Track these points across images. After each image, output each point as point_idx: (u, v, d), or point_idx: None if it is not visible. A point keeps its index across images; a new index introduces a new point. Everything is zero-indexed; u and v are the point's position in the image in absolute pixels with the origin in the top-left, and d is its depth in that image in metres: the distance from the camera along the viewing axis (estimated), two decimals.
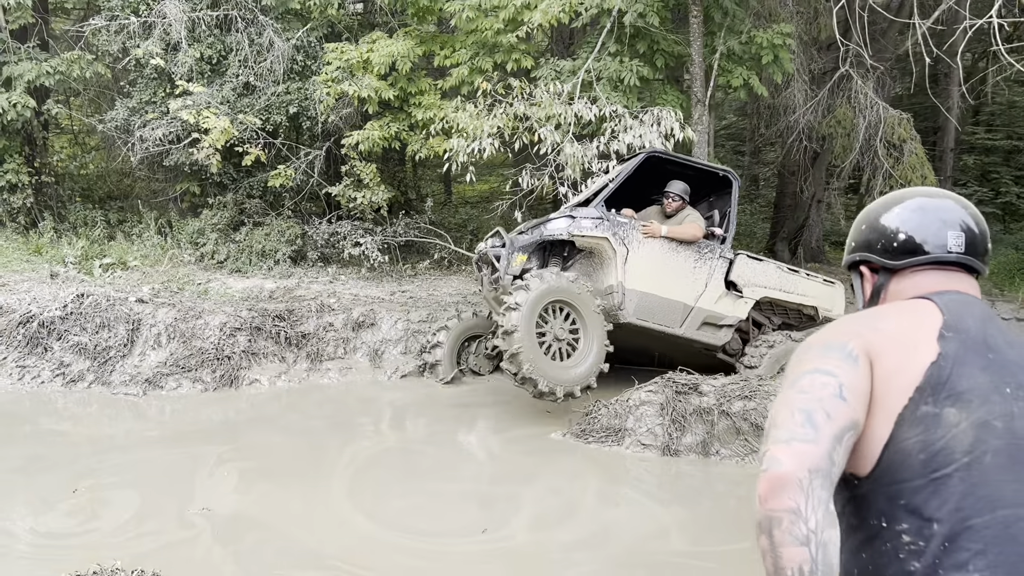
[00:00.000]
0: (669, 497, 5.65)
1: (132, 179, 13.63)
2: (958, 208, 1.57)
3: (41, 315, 7.48)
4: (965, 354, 1.38)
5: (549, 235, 7.10)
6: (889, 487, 1.35)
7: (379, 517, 5.25)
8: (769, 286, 7.62)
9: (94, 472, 5.66)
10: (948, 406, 1.34)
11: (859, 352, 1.41)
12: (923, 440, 1.33)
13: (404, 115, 10.53)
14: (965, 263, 1.55)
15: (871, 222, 1.64)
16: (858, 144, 10.69)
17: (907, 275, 1.57)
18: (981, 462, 1.31)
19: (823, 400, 1.35)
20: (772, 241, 14.75)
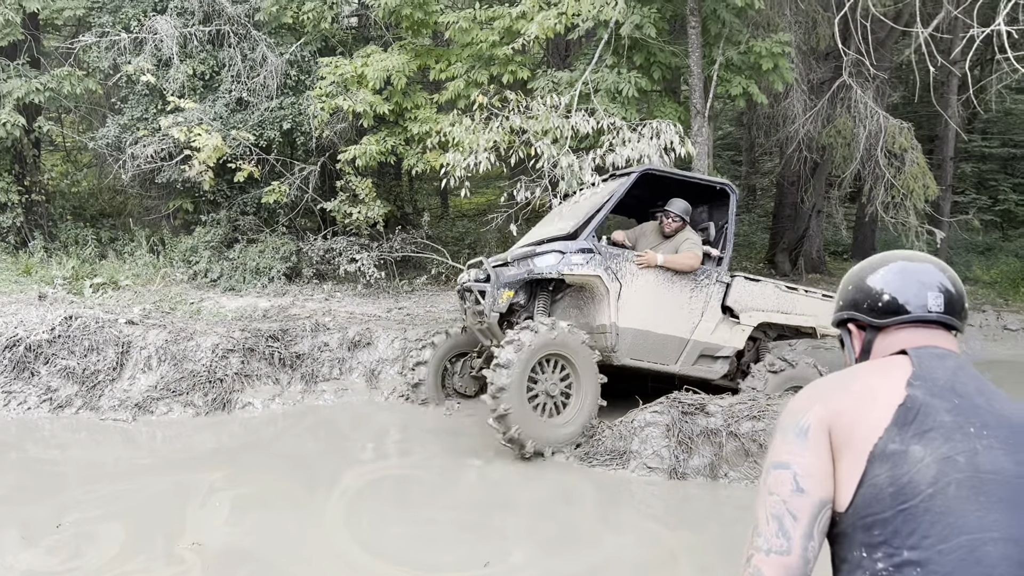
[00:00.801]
0: (677, 522, 5.47)
1: (124, 196, 13.46)
2: (937, 271, 1.74)
3: (28, 338, 7.29)
4: (931, 399, 1.53)
5: (538, 273, 6.63)
6: (864, 519, 1.48)
7: (377, 549, 5.05)
8: (767, 308, 7.26)
9: (80, 504, 5.46)
10: (914, 444, 1.47)
11: (812, 421, 1.58)
12: (891, 475, 1.46)
13: (400, 129, 10.39)
14: (944, 321, 1.70)
15: (857, 283, 1.80)
16: (859, 154, 10.56)
17: (892, 332, 1.72)
18: (945, 493, 1.43)
19: (787, 501, 1.53)
20: (772, 252, 14.60)
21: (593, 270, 6.62)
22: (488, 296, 6.67)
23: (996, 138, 19.36)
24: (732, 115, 20.21)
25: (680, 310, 6.94)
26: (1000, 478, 1.45)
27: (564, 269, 6.57)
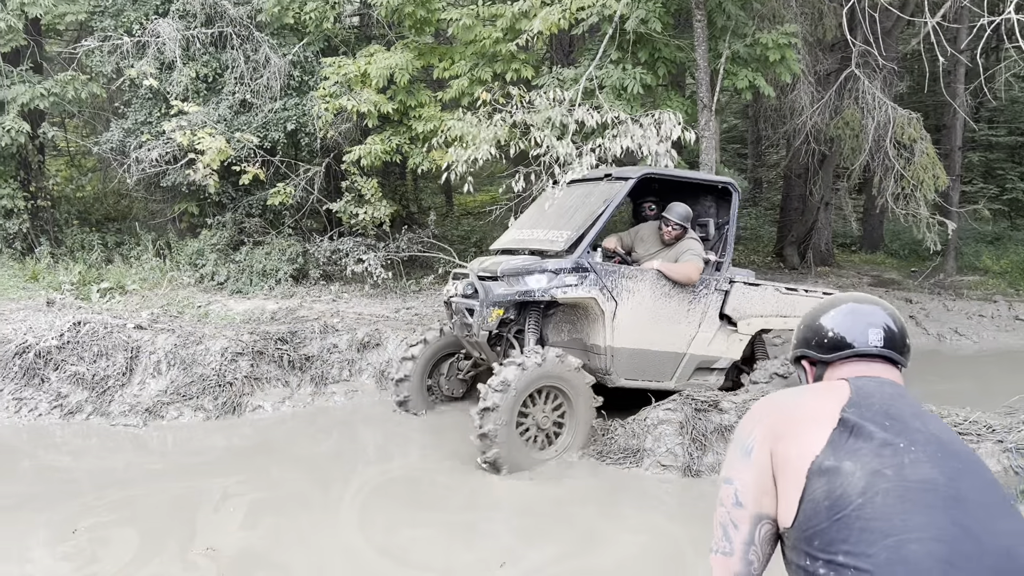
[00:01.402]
0: (691, 519, 5.42)
1: (129, 200, 13.46)
2: (880, 311, 1.94)
3: (37, 345, 7.28)
4: (863, 422, 1.69)
5: (528, 296, 6.25)
6: (806, 532, 1.64)
7: (392, 552, 5.03)
8: (767, 314, 7.00)
9: (93, 509, 5.44)
10: (846, 460, 1.64)
11: (757, 440, 1.78)
12: (827, 489, 1.62)
13: (404, 128, 10.35)
14: (885, 355, 1.90)
15: (808, 324, 2.02)
16: (867, 145, 10.48)
17: (837, 366, 1.92)
18: (873, 502, 1.58)
19: (730, 512, 1.78)
20: (780, 245, 14.54)
21: (587, 292, 6.29)
22: (477, 315, 6.32)
23: (1003, 126, 19.25)
24: (737, 108, 20.13)
25: (677, 324, 6.67)
26: (926, 486, 1.60)
27: (557, 292, 6.24)
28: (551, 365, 5.98)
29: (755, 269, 13.41)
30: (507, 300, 6.27)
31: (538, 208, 7.36)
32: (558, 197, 7.09)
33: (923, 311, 10.86)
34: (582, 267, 6.27)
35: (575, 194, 6.98)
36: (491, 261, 6.72)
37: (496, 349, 6.74)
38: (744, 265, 13.40)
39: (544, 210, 7.16)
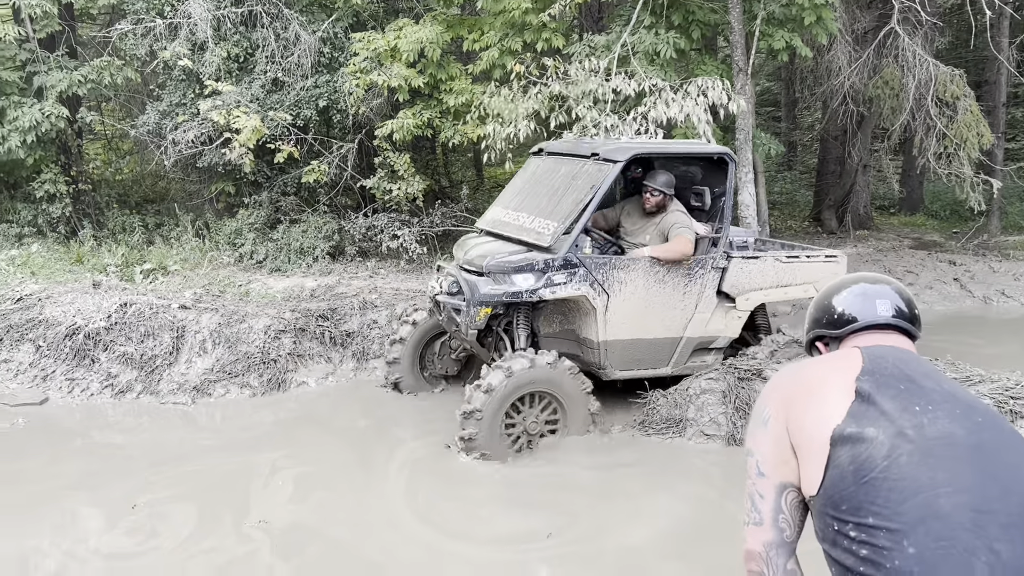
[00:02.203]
0: (736, 490, 5.42)
1: (167, 182, 13.63)
2: (888, 288, 2.01)
3: (86, 327, 7.44)
4: (879, 388, 1.73)
5: (516, 297, 5.91)
6: (833, 497, 1.67)
7: (439, 524, 5.11)
8: (766, 286, 6.66)
9: (150, 486, 5.59)
10: (867, 426, 1.67)
11: (772, 411, 1.84)
12: (851, 455, 1.66)
13: (435, 102, 10.33)
14: (895, 325, 1.96)
15: (818, 305, 2.08)
16: (908, 104, 10.25)
17: (849, 340, 1.97)
18: (898, 463, 1.62)
19: (755, 483, 1.83)
20: (817, 210, 14.33)
21: (577, 288, 5.98)
22: (464, 314, 6.02)
23: None
24: (771, 70, 19.77)
25: (673, 309, 6.37)
26: (948, 441, 1.65)
27: (545, 293, 5.91)
28: (541, 370, 5.77)
29: (792, 234, 13.25)
30: (494, 300, 5.95)
31: (523, 181, 7.00)
32: (541, 169, 6.81)
33: (967, 273, 10.66)
34: (571, 262, 5.97)
35: (561, 172, 6.55)
36: (476, 250, 6.37)
37: (487, 340, 6.49)
38: (781, 231, 13.26)
39: (528, 186, 6.81)
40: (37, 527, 5.00)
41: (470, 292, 5.97)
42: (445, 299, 6.21)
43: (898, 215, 15.09)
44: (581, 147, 6.58)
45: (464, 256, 6.40)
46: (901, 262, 11.07)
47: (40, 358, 7.35)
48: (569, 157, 6.60)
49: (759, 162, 10.28)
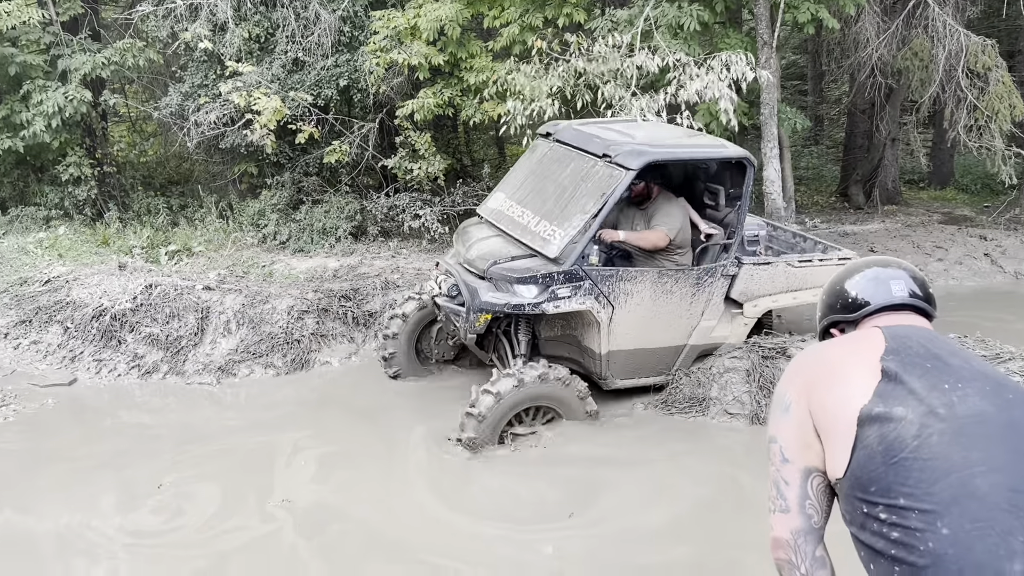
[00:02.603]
0: (760, 469, 5.38)
1: (190, 164, 13.69)
2: (900, 270, 1.99)
3: (113, 308, 7.52)
4: (905, 367, 1.70)
5: (517, 309, 5.73)
6: (861, 479, 1.64)
7: (460, 504, 5.13)
8: (776, 292, 6.43)
9: (176, 465, 5.67)
10: (895, 406, 1.64)
11: (794, 396, 1.81)
12: (879, 435, 1.63)
13: (456, 80, 10.26)
14: (911, 304, 1.92)
15: (831, 291, 2.04)
16: (937, 76, 10.02)
17: (866, 322, 1.93)
18: (929, 442, 1.59)
19: (780, 470, 1.80)
20: (844, 185, 14.10)
21: (581, 303, 5.78)
22: (463, 320, 5.87)
23: None
24: (797, 43, 19.44)
25: (679, 318, 6.18)
26: (980, 419, 1.62)
27: (548, 307, 5.70)
28: (552, 386, 5.68)
29: (818, 210, 13.07)
30: (495, 310, 5.79)
31: (529, 169, 6.75)
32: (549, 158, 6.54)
33: (998, 248, 10.46)
34: (576, 275, 5.76)
35: (569, 169, 6.26)
36: (477, 247, 6.19)
37: (486, 341, 6.40)
38: (807, 207, 13.09)
39: (534, 178, 6.56)
40: (67, 505, 5.09)
41: (470, 297, 5.81)
42: (444, 303, 6.05)
43: (927, 189, 14.82)
44: (592, 142, 6.22)
45: (465, 253, 6.23)
46: (930, 237, 10.89)
47: (68, 339, 7.45)
48: (579, 152, 6.29)
49: (784, 137, 10.12)
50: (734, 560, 4.51)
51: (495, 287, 5.81)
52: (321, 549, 4.64)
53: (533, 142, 7.04)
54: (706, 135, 6.83)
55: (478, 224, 6.72)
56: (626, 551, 4.60)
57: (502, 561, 4.58)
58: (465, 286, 5.90)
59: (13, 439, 6.08)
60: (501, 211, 6.49)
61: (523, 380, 5.60)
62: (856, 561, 1.76)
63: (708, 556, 4.56)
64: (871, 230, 11.44)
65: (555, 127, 6.82)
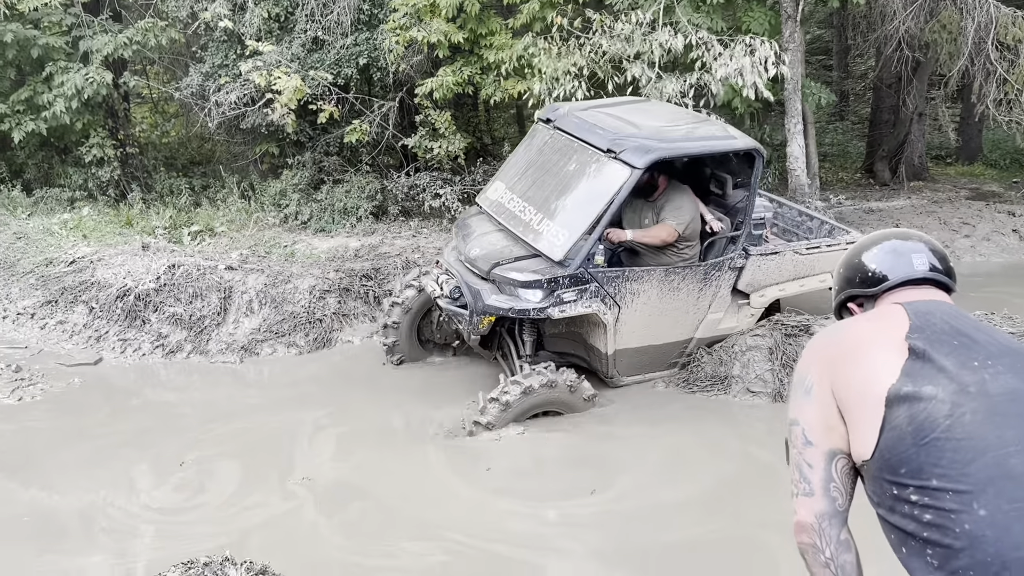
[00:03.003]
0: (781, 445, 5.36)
1: (212, 144, 13.74)
2: (920, 243, 1.93)
3: (136, 288, 7.59)
4: (931, 345, 1.65)
5: (522, 314, 5.65)
6: (890, 460, 1.60)
7: (479, 482, 5.15)
8: (783, 280, 6.34)
9: (198, 443, 5.73)
10: (925, 385, 1.60)
11: (815, 377, 1.76)
12: (909, 415, 1.58)
13: (475, 58, 10.19)
14: (932, 279, 1.87)
15: (849, 264, 1.98)
16: (966, 49, 9.80)
17: (886, 297, 1.87)
18: (961, 421, 1.55)
19: (802, 452, 1.75)
20: (870, 161, 13.89)
21: (587, 306, 5.67)
22: (466, 322, 5.78)
23: None
24: (822, 16, 19.10)
25: (686, 313, 6.09)
26: (1013, 397, 1.58)
27: (554, 312, 5.59)
28: (562, 393, 5.64)
29: (843, 187, 12.89)
30: (499, 314, 5.70)
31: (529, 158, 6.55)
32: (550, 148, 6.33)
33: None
34: (581, 278, 5.63)
35: (573, 162, 6.04)
36: (478, 245, 6.03)
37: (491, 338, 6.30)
38: (832, 183, 12.92)
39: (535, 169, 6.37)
40: (92, 482, 5.18)
41: (473, 300, 5.71)
42: (447, 305, 5.95)
43: (955, 165, 14.55)
44: (595, 133, 5.98)
45: (466, 250, 6.09)
46: (957, 213, 10.72)
47: (94, 319, 7.53)
48: (581, 143, 6.05)
49: (809, 112, 9.97)
50: (756, 539, 4.50)
51: (499, 289, 5.70)
52: (342, 526, 4.68)
53: (532, 127, 6.85)
54: (714, 122, 6.58)
55: (478, 216, 6.57)
56: (648, 528, 4.61)
57: (523, 538, 4.60)
58: (468, 288, 5.79)
59: (41, 417, 6.17)
60: (501, 204, 6.31)
61: (532, 388, 5.54)
62: (874, 538, 1.73)
63: (730, 534, 4.55)
64: (897, 207, 11.27)
65: (555, 112, 6.58)
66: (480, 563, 4.37)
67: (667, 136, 5.92)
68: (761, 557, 4.37)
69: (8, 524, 4.79)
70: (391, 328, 6.77)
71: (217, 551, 3.45)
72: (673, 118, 6.38)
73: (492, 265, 5.76)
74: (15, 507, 4.97)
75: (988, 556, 1.48)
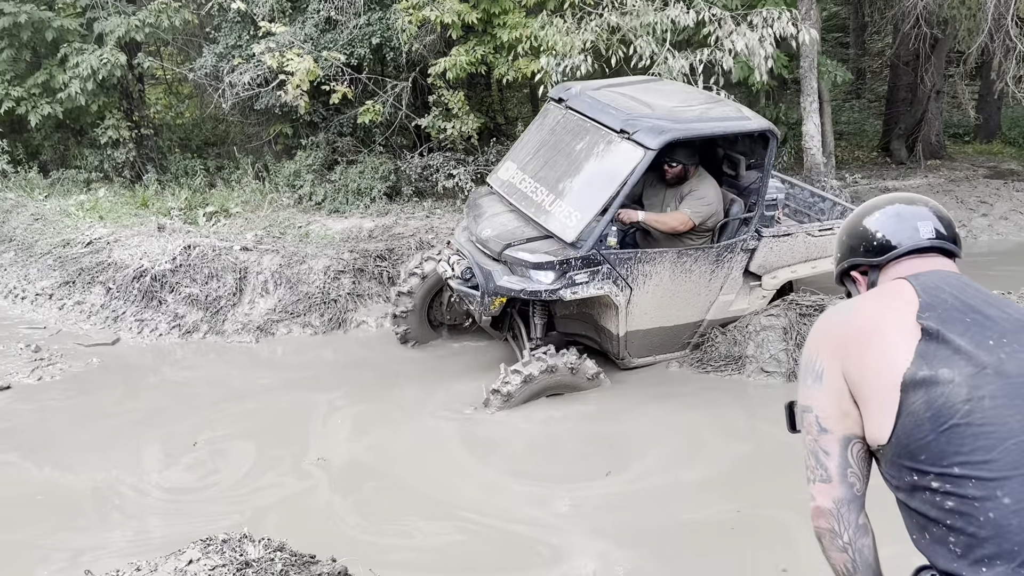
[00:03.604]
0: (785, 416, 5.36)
1: (226, 125, 13.75)
2: (924, 208, 1.88)
3: (153, 269, 7.65)
4: (944, 324, 1.60)
5: (534, 296, 5.64)
6: (909, 447, 1.56)
7: (494, 462, 5.18)
8: (795, 262, 6.33)
9: (212, 423, 5.79)
10: (940, 367, 1.55)
11: (826, 363, 1.71)
12: (926, 400, 1.54)
13: (489, 37, 10.14)
14: (939, 247, 1.82)
15: (851, 231, 1.92)
16: (986, 25, 9.65)
17: (891, 267, 1.82)
18: (981, 406, 1.51)
19: (817, 440, 1.72)
20: (886, 139, 13.75)
21: (599, 288, 5.66)
22: (477, 303, 5.81)
23: None
24: None
25: (698, 296, 6.08)
26: None
27: (566, 293, 5.59)
28: (564, 376, 5.70)
29: (859, 166, 12.78)
30: (511, 295, 5.72)
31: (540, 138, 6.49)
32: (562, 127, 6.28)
33: None
34: (594, 260, 5.62)
35: (585, 142, 6.00)
36: (490, 226, 6.01)
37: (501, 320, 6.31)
38: (848, 162, 12.81)
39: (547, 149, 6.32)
40: (107, 461, 5.24)
41: (485, 281, 5.73)
42: (458, 286, 5.94)
43: (973, 143, 14.39)
44: (608, 113, 5.91)
45: (477, 231, 6.07)
46: (975, 192, 10.62)
47: (111, 300, 7.60)
48: (594, 124, 5.99)
49: (825, 90, 9.87)
50: (774, 519, 4.51)
51: (510, 270, 5.70)
52: (357, 506, 4.72)
53: (544, 106, 6.82)
54: (728, 102, 6.50)
55: (489, 196, 6.55)
56: (665, 509, 4.63)
57: (538, 519, 4.63)
58: (479, 269, 5.79)
59: (59, 396, 6.25)
60: (513, 184, 6.28)
61: (556, 367, 5.62)
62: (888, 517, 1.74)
63: (747, 514, 4.55)
64: (913, 185, 11.17)
65: (567, 92, 6.50)
66: (496, 543, 4.41)
67: (681, 117, 5.86)
68: (778, 537, 4.37)
69: (23, 502, 4.86)
70: (400, 318, 6.82)
71: (234, 529, 3.50)
72: (686, 98, 6.31)
73: (504, 246, 5.76)
74: (30, 486, 5.04)
75: (1015, 545, 1.46)
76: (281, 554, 3.04)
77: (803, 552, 4.10)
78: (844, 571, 1.74)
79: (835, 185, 9.60)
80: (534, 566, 4.22)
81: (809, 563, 4.01)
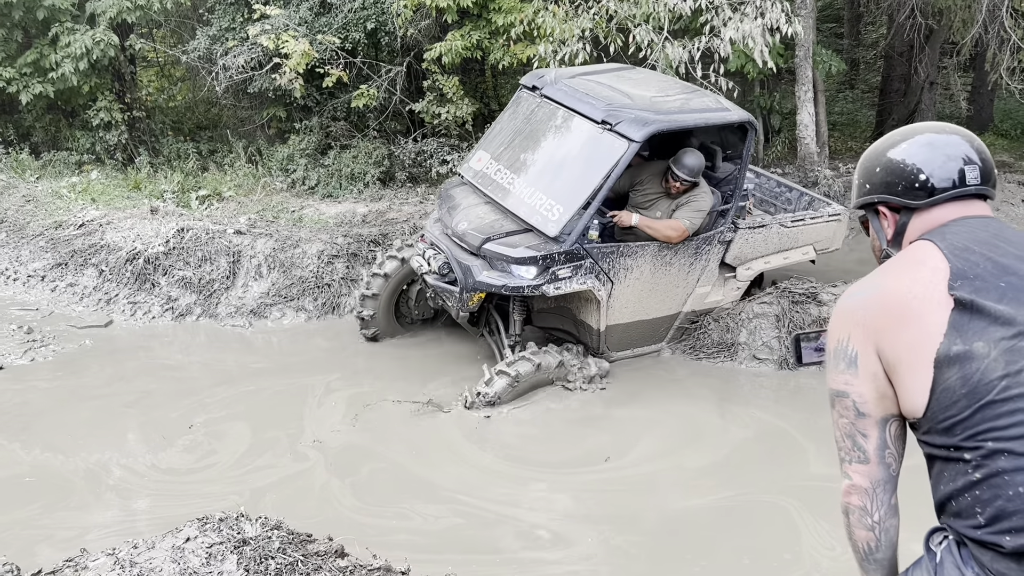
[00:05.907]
0: (794, 412, 5.41)
1: (219, 108, 13.68)
2: (965, 142, 1.75)
3: (146, 251, 7.63)
4: (978, 293, 1.54)
5: (516, 292, 5.53)
6: (943, 422, 1.55)
7: (491, 446, 5.21)
8: (768, 253, 6.37)
9: (207, 406, 5.79)
10: (975, 341, 1.51)
11: (859, 345, 1.66)
12: (961, 376, 1.51)
13: (484, 22, 10.10)
14: (980, 193, 1.74)
15: (885, 163, 1.78)
16: (980, 16, 9.68)
17: (928, 211, 1.74)
18: (1018, 380, 1.47)
19: (854, 423, 1.70)
20: (879, 130, 13.79)
21: (581, 283, 5.58)
22: (455, 299, 5.67)
23: None
24: None
25: (676, 287, 6.07)
26: None
27: (549, 289, 5.48)
28: (568, 371, 5.71)
29: (852, 156, 12.81)
30: (491, 290, 5.58)
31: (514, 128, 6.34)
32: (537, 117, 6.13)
33: None
34: (577, 254, 5.52)
35: (565, 131, 5.87)
36: (466, 218, 5.83)
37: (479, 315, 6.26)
38: (841, 152, 12.85)
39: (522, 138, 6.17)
40: (101, 443, 5.24)
41: (463, 276, 5.59)
42: (435, 282, 5.79)
43: None
44: (587, 103, 5.75)
45: (452, 224, 5.89)
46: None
47: (103, 282, 7.58)
48: (574, 114, 5.81)
49: (819, 80, 9.90)
50: (773, 504, 4.53)
51: (490, 265, 5.56)
52: (354, 488, 4.74)
53: (516, 94, 6.66)
54: (705, 93, 6.42)
55: (462, 187, 6.35)
56: (664, 494, 4.67)
57: (537, 504, 4.66)
58: (457, 264, 5.64)
59: (51, 378, 6.23)
60: (487, 174, 6.08)
61: (544, 365, 5.59)
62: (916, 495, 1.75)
63: (745, 500, 4.59)
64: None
65: (540, 80, 6.35)
66: (493, 527, 4.43)
67: (662, 108, 5.75)
68: (778, 523, 4.37)
69: (12, 483, 4.84)
70: (370, 299, 6.57)
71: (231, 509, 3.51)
72: (662, 88, 6.21)
73: (482, 240, 5.60)
74: (19, 467, 5.02)
75: None
76: (278, 532, 3.06)
77: (805, 537, 4.15)
78: (865, 549, 1.75)
79: (828, 175, 9.64)
80: (534, 550, 4.25)
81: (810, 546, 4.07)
